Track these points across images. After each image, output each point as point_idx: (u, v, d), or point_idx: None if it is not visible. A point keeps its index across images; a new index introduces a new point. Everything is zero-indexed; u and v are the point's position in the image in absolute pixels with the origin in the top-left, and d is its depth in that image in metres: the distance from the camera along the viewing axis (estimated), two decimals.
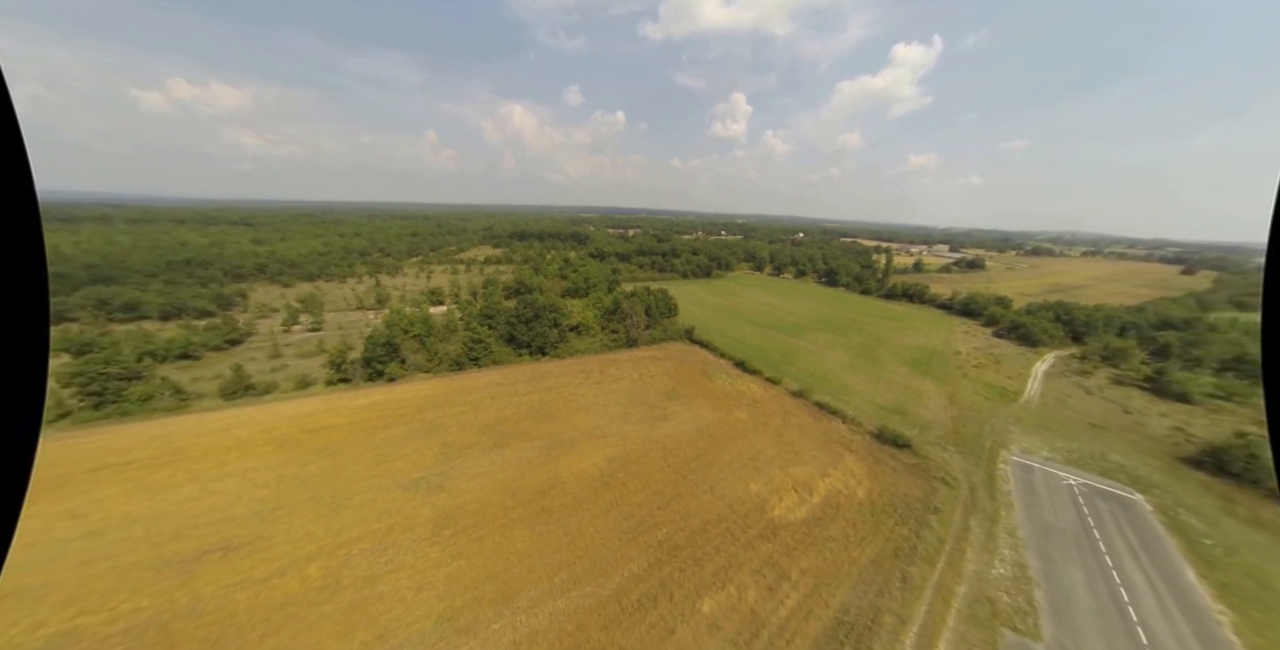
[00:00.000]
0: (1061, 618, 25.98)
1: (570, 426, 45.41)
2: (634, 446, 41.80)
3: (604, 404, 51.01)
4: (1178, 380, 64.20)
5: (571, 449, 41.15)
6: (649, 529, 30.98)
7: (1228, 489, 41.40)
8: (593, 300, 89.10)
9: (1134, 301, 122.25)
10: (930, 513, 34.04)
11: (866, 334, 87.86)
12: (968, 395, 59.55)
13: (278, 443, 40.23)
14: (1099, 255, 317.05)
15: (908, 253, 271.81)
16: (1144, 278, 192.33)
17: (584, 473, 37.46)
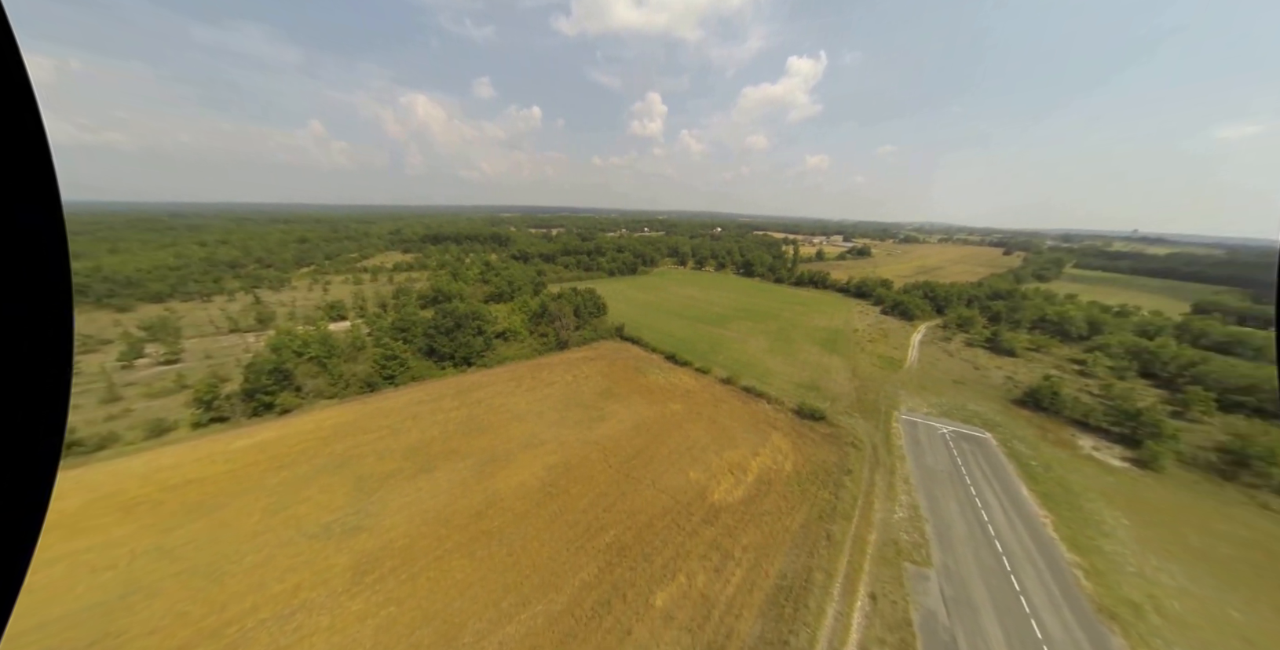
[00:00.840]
0: (945, 544, 31.35)
1: (505, 438, 43.32)
2: (574, 451, 41.23)
3: (539, 411, 49.46)
4: (1006, 339, 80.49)
5: (508, 462, 39.33)
6: (597, 533, 30.91)
7: (1042, 420, 53.14)
8: (518, 304, 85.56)
9: (975, 278, 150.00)
10: (844, 474, 38.71)
11: (782, 319, 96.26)
12: (866, 367, 68.43)
13: (124, 509, 32.54)
14: (950, 241, 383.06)
15: (810, 243, 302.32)
16: (980, 258, 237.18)
17: (524, 485, 36.08)
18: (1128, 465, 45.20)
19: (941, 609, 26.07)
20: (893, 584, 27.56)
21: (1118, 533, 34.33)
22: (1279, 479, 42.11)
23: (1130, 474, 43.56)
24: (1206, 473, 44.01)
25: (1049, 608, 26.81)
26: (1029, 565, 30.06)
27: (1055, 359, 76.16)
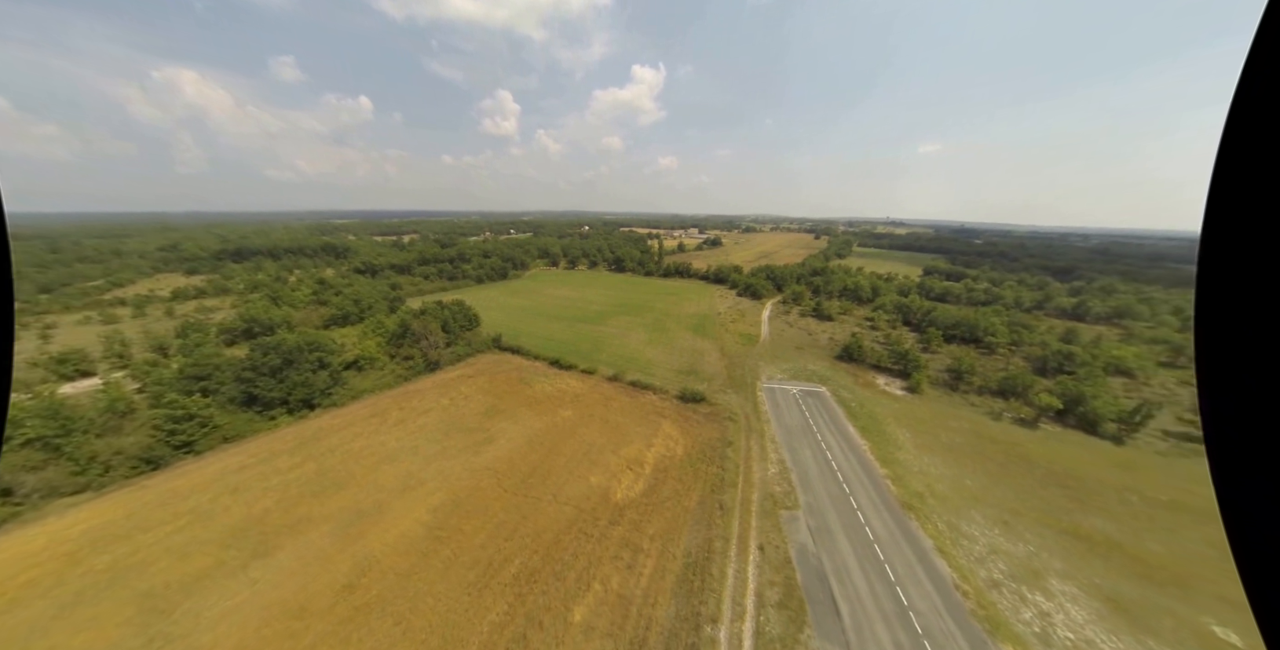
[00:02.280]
0: (805, 486, 38.37)
1: (372, 487, 36.82)
2: (461, 483, 37.45)
3: (413, 445, 43.33)
4: (825, 307, 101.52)
5: (381, 515, 33.62)
6: (500, 567, 28.85)
7: (854, 369, 68.87)
8: (371, 326, 72.87)
9: (799, 259, 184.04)
10: (726, 446, 43.89)
11: (656, 311, 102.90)
12: (731, 345, 78.21)
13: None
14: (779, 230, 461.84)
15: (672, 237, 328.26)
16: (801, 243, 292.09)
17: (405, 537, 31.38)
18: (905, 392, 61.97)
19: (810, 540, 32.00)
20: (774, 532, 32.66)
21: (905, 445, 46.96)
22: (977, 384, 63.18)
23: (906, 398, 59.82)
24: (944, 388, 63.24)
25: (875, 513, 35.29)
26: (860, 485, 38.96)
27: (856, 319, 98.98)
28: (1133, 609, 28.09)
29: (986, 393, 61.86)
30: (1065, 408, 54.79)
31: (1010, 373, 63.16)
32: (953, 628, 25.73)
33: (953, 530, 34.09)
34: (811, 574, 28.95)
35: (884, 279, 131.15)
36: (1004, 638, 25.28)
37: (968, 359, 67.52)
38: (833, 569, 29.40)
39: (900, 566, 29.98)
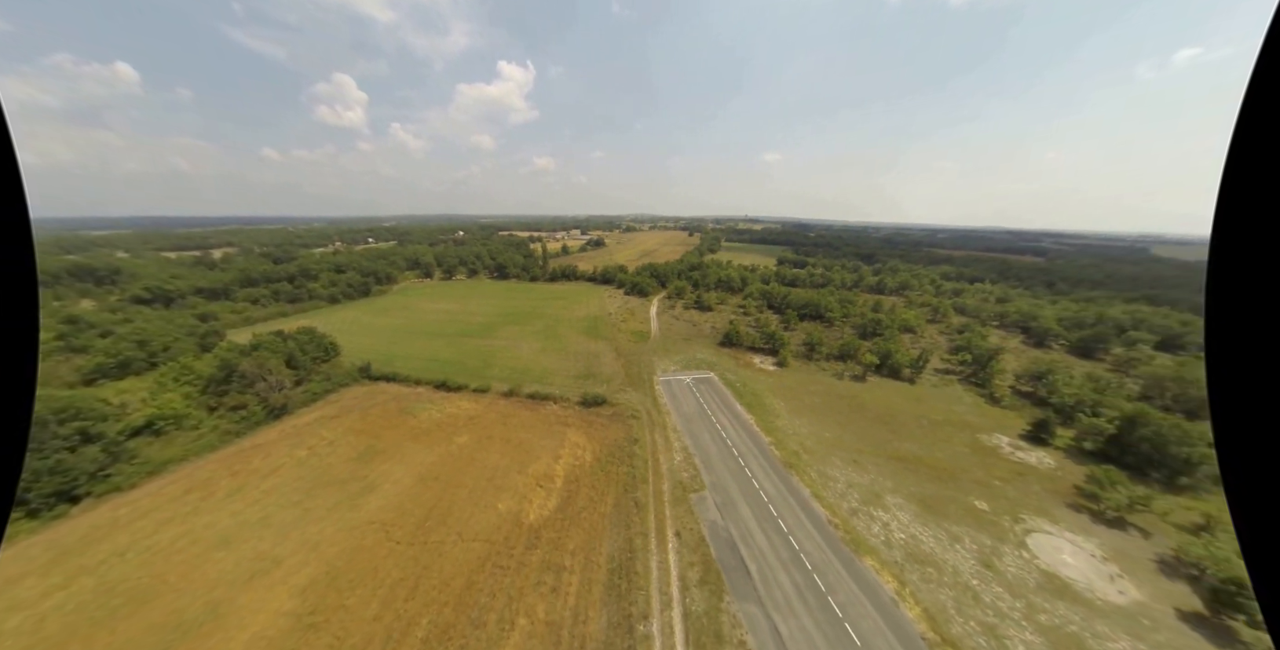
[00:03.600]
0: (708, 467, 42.02)
1: (200, 586, 28.21)
2: (337, 550, 31.27)
3: (259, 517, 34.45)
4: (704, 299, 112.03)
5: (219, 620, 26.04)
6: (404, 634, 25.05)
7: (735, 353, 77.70)
8: (170, 373, 55.31)
9: (678, 255, 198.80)
10: (633, 444, 45.33)
11: (546, 317, 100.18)
12: (625, 344, 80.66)
13: None
14: (657, 228, 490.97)
15: (554, 239, 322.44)
16: (677, 240, 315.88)
17: (261, 639, 24.93)
18: (775, 367, 72.40)
19: (718, 516, 35.26)
20: (687, 516, 35.07)
21: (781, 412, 54.98)
22: (825, 353, 77.32)
23: (777, 373, 69.96)
24: (803, 360, 75.76)
25: (765, 477, 40.58)
26: (751, 456, 44.29)
27: (731, 307, 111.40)
28: (933, 503, 38.11)
29: (831, 358, 76.11)
30: (880, 362, 70.77)
31: (844, 340, 78.79)
32: (831, 557, 31.35)
33: (822, 476, 41.34)
34: (723, 545, 32.04)
35: (749, 270, 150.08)
36: (864, 552, 31.82)
37: (816, 333, 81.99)
38: (740, 536, 33.01)
39: (789, 517, 35.20)
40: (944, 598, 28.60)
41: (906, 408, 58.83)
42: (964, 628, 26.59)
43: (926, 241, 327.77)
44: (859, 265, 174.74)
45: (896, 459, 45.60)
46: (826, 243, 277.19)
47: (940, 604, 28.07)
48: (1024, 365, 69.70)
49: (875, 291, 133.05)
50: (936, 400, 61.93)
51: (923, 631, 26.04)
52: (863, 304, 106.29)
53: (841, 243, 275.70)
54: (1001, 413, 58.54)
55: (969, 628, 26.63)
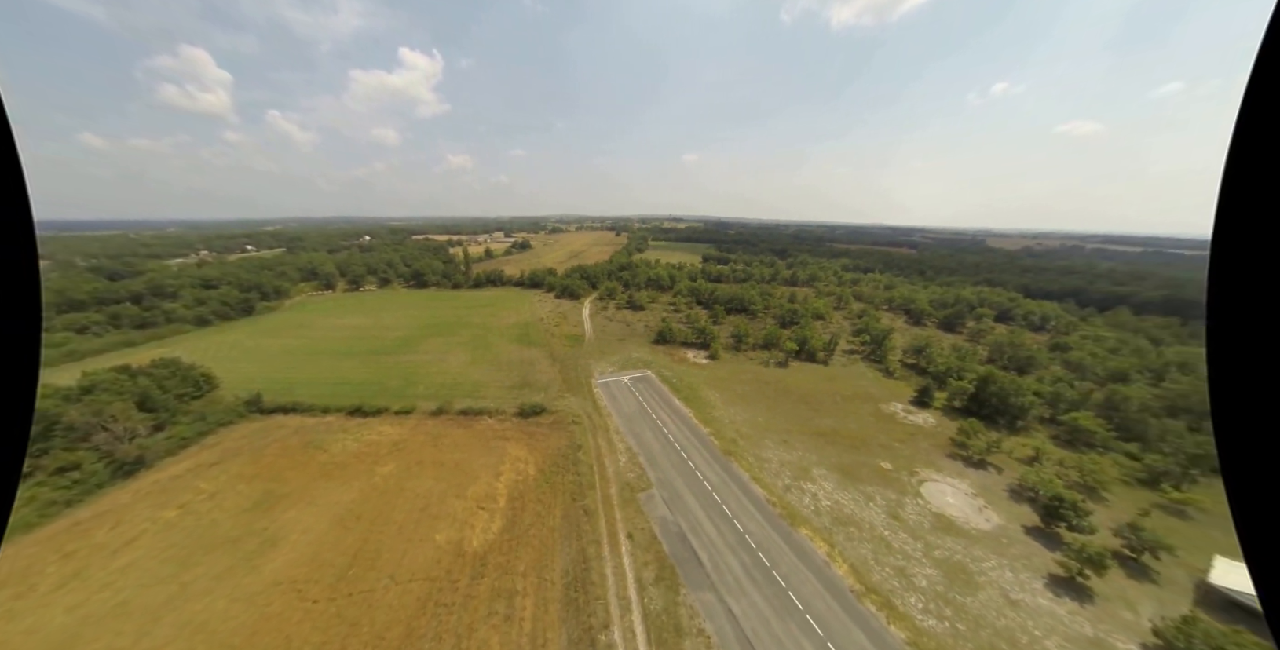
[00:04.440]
0: (653, 465, 42.97)
1: None
2: (232, 626, 26.46)
3: (110, 606, 27.77)
4: (635, 299, 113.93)
5: None
6: None
7: (669, 350, 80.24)
8: None
9: (607, 256, 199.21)
10: (577, 451, 44.69)
11: (473, 326, 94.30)
12: (559, 349, 79.01)
13: None
14: (584, 229, 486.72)
15: (476, 242, 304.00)
16: (605, 240, 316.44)
17: None
18: (708, 361, 76.18)
19: (667, 511, 36.26)
20: (637, 515, 35.56)
21: (716, 403, 58.06)
22: (751, 343, 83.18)
23: (710, 365, 73.69)
24: (732, 351, 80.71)
25: (708, 467, 42.62)
26: (693, 448, 46.19)
27: (662, 305, 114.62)
28: (850, 470, 43.26)
29: (757, 348, 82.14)
30: (799, 348, 78.11)
31: (767, 330, 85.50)
32: (772, 533, 34.05)
33: (757, 459, 44.60)
34: (675, 540, 33.10)
35: (677, 268, 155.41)
36: (799, 523, 35.07)
37: (742, 325, 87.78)
38: (689, 527, 34.35)
39: (732, 502, 37.47)
40: (864, 551, 32.69)
41: (823, 387, 65.75)
42: (881, 574, 30.67)
43: (827, 237, 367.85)
44: (774, 260, 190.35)
45: (818, 434, 50.83)
46: (745, 240, 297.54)
47: (862, 557, 32.04)
48: (908, 342, 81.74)
49: (790, 284, 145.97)
50: (846, 378, 70.11)
51: (850, 585, 29.52)
52: (780, 296, 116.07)
53: (758, 239, 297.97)
54: (895, 384, 68.11)
55: (885, 573, 30.78)
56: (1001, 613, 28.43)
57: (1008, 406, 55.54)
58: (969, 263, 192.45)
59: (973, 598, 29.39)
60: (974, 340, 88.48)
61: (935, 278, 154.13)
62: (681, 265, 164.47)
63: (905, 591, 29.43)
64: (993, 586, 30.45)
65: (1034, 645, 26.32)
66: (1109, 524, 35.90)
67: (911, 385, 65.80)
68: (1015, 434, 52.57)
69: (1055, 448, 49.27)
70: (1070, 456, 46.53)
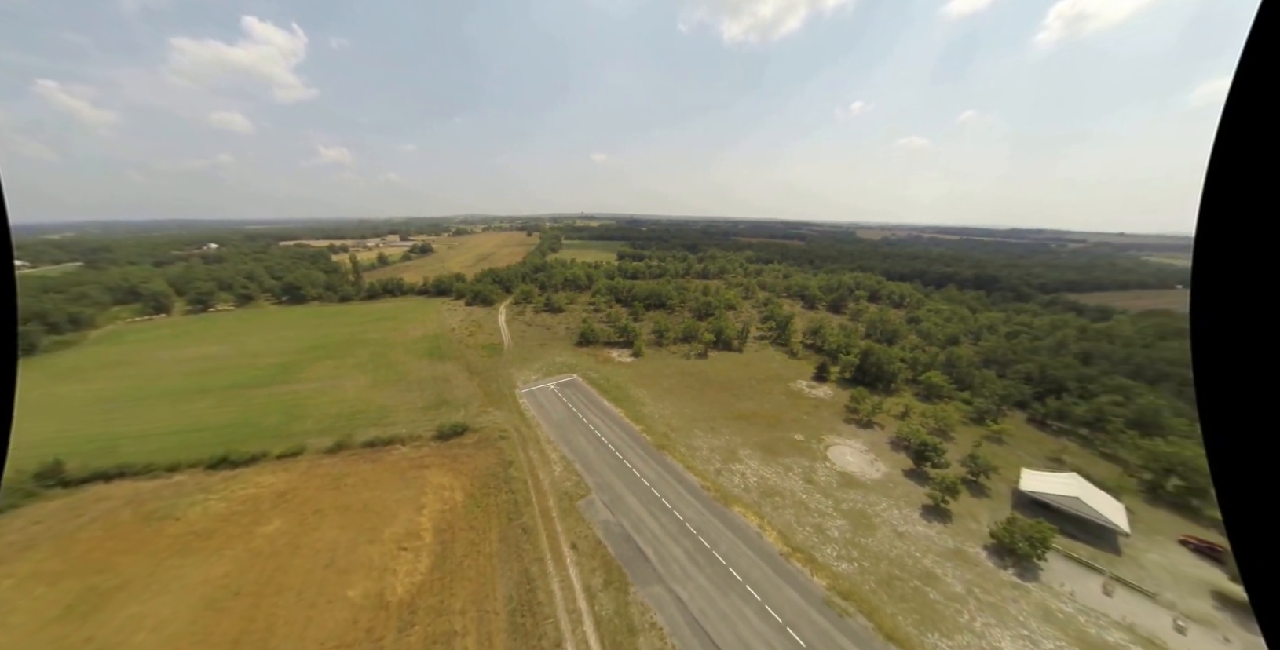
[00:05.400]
0: (589, 470, 42.61)
1: None
2: None
3: None
4: (554, 301, 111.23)
5: None
6: None
7: (593, 351, 79.94)
8: None
9: (519, 257, 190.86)
10: (508, 467, 42.40)
11: (372, 343, 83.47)
12: (477, 360, 73.88)
13: None
14: (492, 230, 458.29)
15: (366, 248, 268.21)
16: (516, 240, 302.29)
17: None
18: (632, 358, 77.57)
19: (609, 514, 36.28)
20: (579, 524, 35.00)
21: (645, 400, 59.49)
22: (672, 337, 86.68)
23: (635, 363, 75.15)
24: (655, 347, 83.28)
25: (643, 464, 43.59)
26: (627, 447, 46.80)
27: (582, 306, 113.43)
28: (769, 446, 47.84)
29: (678, 341, 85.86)
30: (716, 338, 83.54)
31: (686, 324, 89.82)
32: (710, 517, 36.18)
33: (689, 449, 46.89)
34: (619, 541, 33.34)
35: (594, 267, 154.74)
36: (732, 502, 37.80)
37: (662, 320, 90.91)
38: (632, 526, 34.86)
39: (670, 494, 38.93)
40: (788, 516, 36.52)
41: (740, 373, 71.34)
42: (803, 534, 34.60)
43: (731, 231, 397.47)
44: (686, 255, 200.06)
45: (740, 417, 55.14)
46: (657, 236, 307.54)
47: (787, 522, 35.75)
48: (806, 324, 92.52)
49: (702, 277, 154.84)
50: (759, 362, 76.96)
51: (780, 549, 32.79)
52: (695, 289, 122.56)
53: (669, 235, 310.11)
54: (799, 363, 76.73)
55: (805, 532, 34.79)
56: (893, 545, 34.07)
57: (883, 373, 66.19)
58: (845, 252, 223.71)
59: (872, 537, 34.72)
60: (855, 319, 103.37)
61: (822, 266, 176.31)
62: (598, 264, 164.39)
63: (823, 544, 33.62)
64: (885, 525, 36.30)
65: (917, 565, 32.08)
66: (957, 458, 45.04)
67: (812, 363, 74.72)
68: (890, 396, 62.90)
69: (918, 402, 60.08)
70: (929, 408, 57.16)
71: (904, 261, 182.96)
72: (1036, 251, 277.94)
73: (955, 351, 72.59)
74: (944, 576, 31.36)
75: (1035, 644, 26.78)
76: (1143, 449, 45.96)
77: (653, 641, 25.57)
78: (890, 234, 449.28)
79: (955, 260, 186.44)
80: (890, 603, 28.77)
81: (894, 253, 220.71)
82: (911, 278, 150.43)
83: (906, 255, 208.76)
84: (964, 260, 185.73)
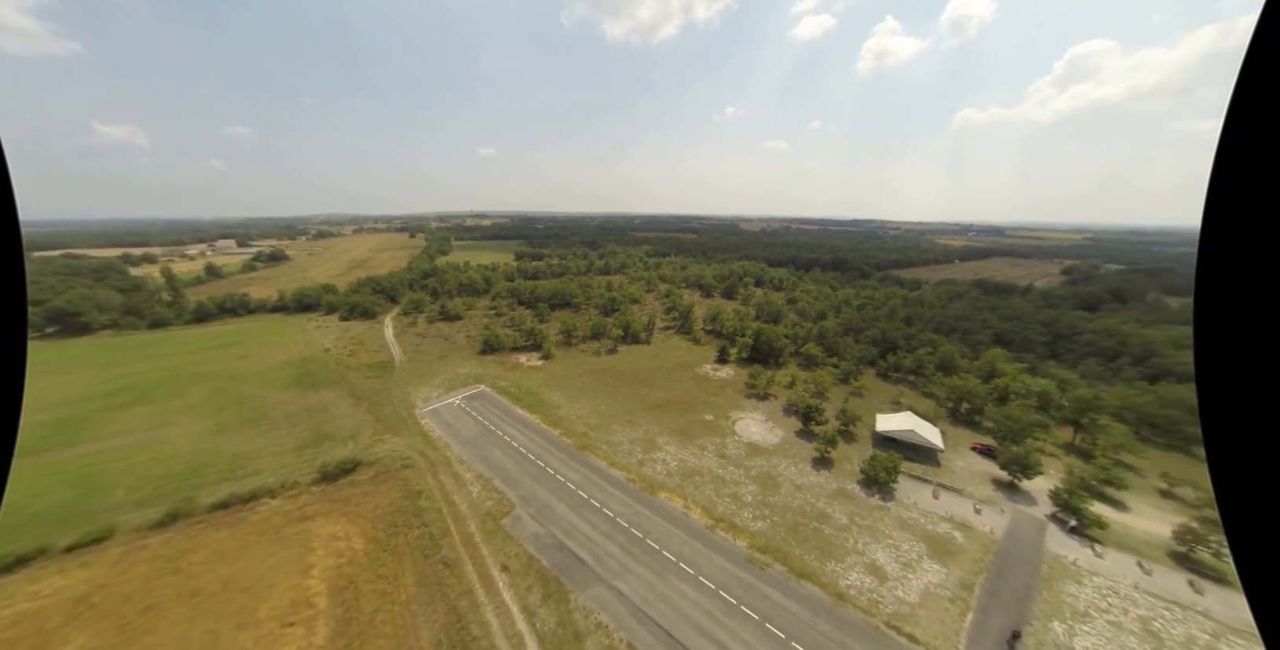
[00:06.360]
0: (511, 484, 40.66)
1: None
2: None
3: None
4: (450, 308, 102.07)
5: None
6: None
7: (499, 358, 75.71)
8: None
9: (403, 262, 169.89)
10: (417, 498, 38.21)
11: (210, 378, 66.78)
12: (362, 383, 64.37)
13: None
14: (365, 231, 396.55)
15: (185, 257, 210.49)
16: (396, 243, 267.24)
17: None
18: (543, 362, 75.38)
19: (538, 526, 35.18)
20: (508, 543, 33.30)
21: (560, 403, 58.54)
22: (581, 336, 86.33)
23: (546, 366, 73.21)
24: (564, 348, 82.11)
25: (567, 468, 43.08)
26: (549, 454, 45.70)
27: (482, 311, 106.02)
28: (684, 429, 51.28)
29: (588, 339, 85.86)
30: (624, 333, 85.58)
31: (593, 321, 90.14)
32: (639, 507, 37.51)
33: (610, 445, 47.71)
34: (552, 551, 32.68)
35: (491, 269, 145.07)
36: (658, 490, 39.71)
37: (570, 320, 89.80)
38: (564, 533, 34.42)
39: (599, 494, 39.30)
40: (709, 492, 39.80)
41: (650, 364, 74.42)
42: (723, 505, 38.12)
43: (629, 226, 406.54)
44: (587, 251, 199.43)
45: (655, 407, 57.77)
46: (555, 233, 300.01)
47: (708, 498, 38.95)
48: (705, 312, 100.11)
49: (604, 273, 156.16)
50: (666, 352, 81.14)
51: (705, 523, 35.67)
52: (598, 286, 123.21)
53: (568, 232, 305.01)
54: (703, 349, 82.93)
55: (725, 503, 38.38)
56: (794, 497, 39.61)
57: (773, 350, 75.36)
58: (733, 243, 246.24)
59: (777, 495, 39.85)
60: (745, 303, 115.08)
61: (714, 256, 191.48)
62: (495, 265, 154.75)
63: (740, 510, 37.51)
64: (787, 481, 41.94)
65: (813, 509, 37.87)
66: (833, 414, 53.86)
67: (714, 348, 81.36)
68: (780, 369, 72.00)
69: (801, 372, 69.89)
70: (809, 376, 66.91)
71: (779, 249, 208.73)
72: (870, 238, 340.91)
73: (824, 324, 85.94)
74: (833, 513, 37.59)
75: (897, 547, 33.93)
76: (945, 385, 60.55)
77: (600, 641, 25.93)
78: (766, 225, 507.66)
79: (817, 247, 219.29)
80: (798, 546, 33.55)
81: (771, 242, 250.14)
82: (786, 263, 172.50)
83: (781, 244, 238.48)
84: (823, 247, 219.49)
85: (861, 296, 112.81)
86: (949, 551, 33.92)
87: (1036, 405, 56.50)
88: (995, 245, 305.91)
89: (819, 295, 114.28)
